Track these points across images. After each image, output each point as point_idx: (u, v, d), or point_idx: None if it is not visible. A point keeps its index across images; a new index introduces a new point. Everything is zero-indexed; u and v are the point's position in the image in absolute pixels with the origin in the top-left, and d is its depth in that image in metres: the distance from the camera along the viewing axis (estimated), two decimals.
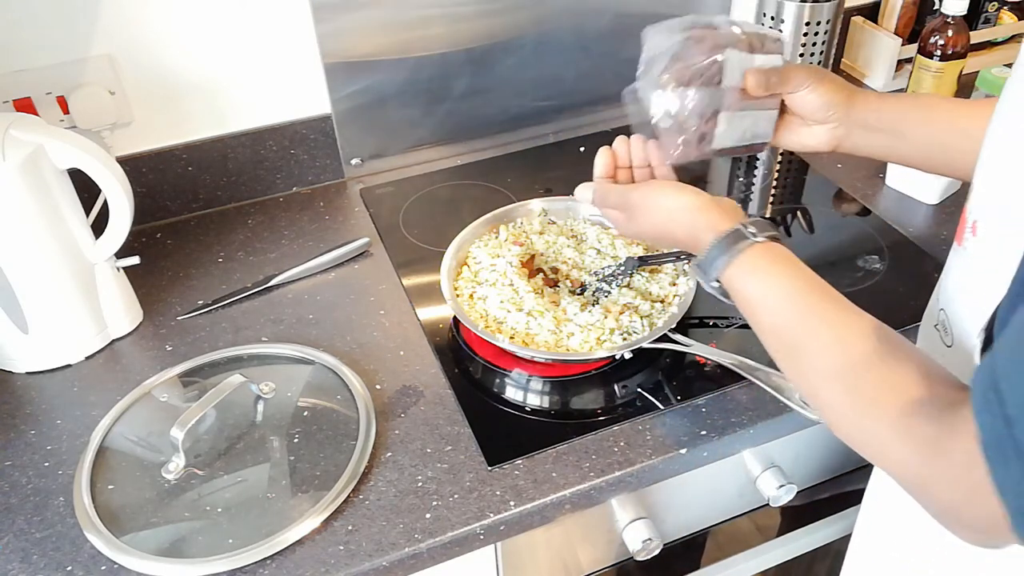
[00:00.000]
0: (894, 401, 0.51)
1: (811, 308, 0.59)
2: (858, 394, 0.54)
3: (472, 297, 0.89)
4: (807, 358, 0.58)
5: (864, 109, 0.75)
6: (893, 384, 0.52)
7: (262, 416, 0.80)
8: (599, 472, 0.75)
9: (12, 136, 0.80)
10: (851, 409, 0.54)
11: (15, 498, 0.75)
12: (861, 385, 0.54)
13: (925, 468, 0.49)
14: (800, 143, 0.79)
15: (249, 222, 1.10)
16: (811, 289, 0.60)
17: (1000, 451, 0.42)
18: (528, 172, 1.18)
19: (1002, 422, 0.41)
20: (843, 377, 0.55)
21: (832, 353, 0.56)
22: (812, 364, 0.57)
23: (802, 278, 0.61)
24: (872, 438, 0.53)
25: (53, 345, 0.87)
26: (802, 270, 0.62)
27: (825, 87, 0.74)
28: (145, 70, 1.01)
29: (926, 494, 0.50)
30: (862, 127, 0.76)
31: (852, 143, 0.77)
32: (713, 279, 0.65)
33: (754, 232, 0.64)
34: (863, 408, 0.53)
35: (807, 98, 0.75)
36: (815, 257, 1.00)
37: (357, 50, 1.09)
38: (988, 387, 0.43)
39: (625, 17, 1.20)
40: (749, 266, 0.63)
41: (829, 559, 1.11)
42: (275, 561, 0.69)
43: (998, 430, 0.42)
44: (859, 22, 1.34)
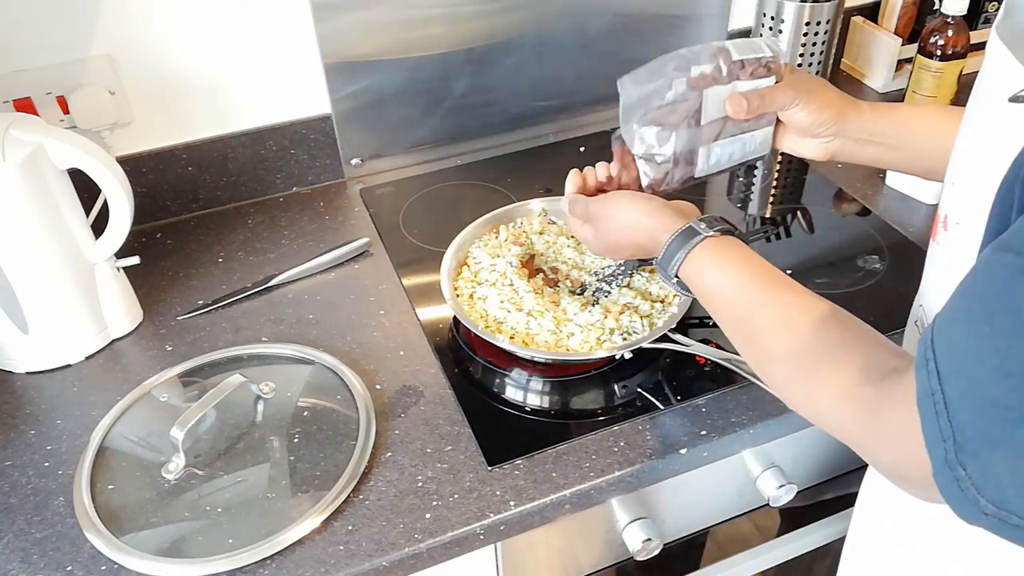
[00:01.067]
0: (839, 372, 0.53)
1: (761, 293, 0.62)
2: (807, 369, 0.56)
3: (472, 297, 0.89)
4: (760, 340, 0.61)
5: (857, 122, 0.76)
6: (839, 357, 0.54)
7: (262, 416, 0.80)
8: (599, 472, 0.75)
9: (12, 136, 0.80)
10: (802, 383, 0.57)
11: (15, 498, 0.75)
12: (810, 359, 0.56)
13: (868, 430, 0.51)
14: (796, 151, 0.81)
15: (249, 222, 1.10)
16: (761, 275, 0.64)
17: (930, 404, 0.44)
18: (528, 172, 1.18)
19: (935, 377, 0.44)
20: (793, 355, 0.58)
21: (782, 333, 0.59)
22: (765, 345, 0.60)
23: (752, 266, 0.65)
24: (821, 407, 0.55)
25: (53, 345, 0.87)
26: (753, 258, 0.65)
27: (815, 104, 0.75)
28: (145, 70, 1.01)
29: (872, 454, 0.52)
30: (856, 140, 0.77)
31: (847, 154, 0.78)
32: (672, 275, 0.69)
33: (705, 227, 0.68)
34: (812, 381, 0.56)
35: (796, 116, 0.76)
36: (815, 257, 1.01)
37: (357, 50, 1.09)
38: (927, 346, 0.46)
39: (625, 17, 1.20)
40: (703, 259, 0.67)
41: (829, 559, 1.11)
42: (275, 561, 0.69)
43: (931, 384, 0.44)
44: (859, 22, 1.34)
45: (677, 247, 0.68)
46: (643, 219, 0.73)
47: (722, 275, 0.65)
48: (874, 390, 0.51)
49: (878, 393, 0.51)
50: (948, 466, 0.43)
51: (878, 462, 0.52)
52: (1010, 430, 0.41)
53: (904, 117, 0.77)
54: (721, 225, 0.68)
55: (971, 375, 0.43)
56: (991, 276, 0.43)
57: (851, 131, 0.76)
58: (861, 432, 0.52)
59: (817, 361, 0.56)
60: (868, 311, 0.91)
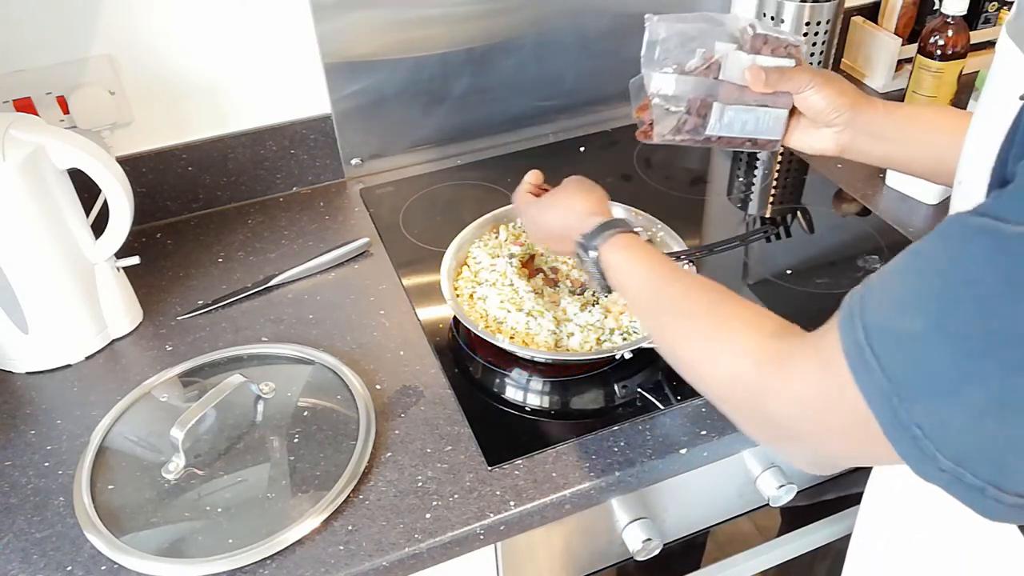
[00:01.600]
0: (742, 326, 0.55)
1: (669, 275, 0.66)
2: (709, 328, 0.58)
3: (472, 297, 0.89)
4: (667, 312, 0.64)
5: (871, 116, 0.76)
6: (740, 318, 0.56)
7: (262, 416, 0.80)
8: (599, 472, 0.75)
9: (12, 136, 0.80)
10: (703, 343, 0.58)
11: (15, 498, 0.75)
12: (712, 321, 0.58)
13: (765, 377, 0.51)
14: (808, 144, 0.81)
15: (249, 222, 1.10)
16: (665, 269, 0.67)
17: (860, 360, 0.43)
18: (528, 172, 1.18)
19: (860, 331, 0.43)
20: (695, 318, 0.60)
21: (685, 303, 0.62)
22: (672, 317, 0.63)
23: (659, 262, 0.68)
24: (719, 360, 0.55)
25: (53, 345, 0.87)
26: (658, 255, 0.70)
27: (830, 90, 0.76)
28: (145, 70, 1.01)
29: (759, 405, 0.51)
30: (867, 134, 0.77)
31: (858, 149, 0.78)
32: (593, 255, 0.72)
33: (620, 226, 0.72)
34: (714, 337, 0.57)
35: (811, 99, 0.77)
36: (815, 257, 1.01)
37: (357, 50, 1.09)
38: (853, 302, 0.45)
39: (625, 17, 1.20)
40: (619, 246, 0.70)
41: (829, 559, 1.11)
42: (275, 561, 0.69)
43: (858, 339, 0.43)
44: (859, 22, 1.34)
45: (605, 228, 0.71)
46: (583, 201, 0.77)
47: (633, 264, 0.69)
48: (778, 343, 0.51)
49: (782, 345, 0.51)
50: (901, 424, 0.42)
51: (773, 418, 0.51)
52: (957, 385, 0.40)
53: (915, 114, 0.78)
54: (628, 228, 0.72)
55: (908, 329, 0.42)
56: (946, 235, 0.43)
57: (863, 123, 0.76)
58: (763, 383, 0.51)
59: (719, 322, 0.57)
60: None
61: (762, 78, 0.76)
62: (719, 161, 1.23)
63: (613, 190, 1.12)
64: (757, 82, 0.76)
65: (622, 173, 1.17)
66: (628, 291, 0.69)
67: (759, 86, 0.76)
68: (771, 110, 0.79)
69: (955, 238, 0.42)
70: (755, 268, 1.00)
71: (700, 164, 1.23)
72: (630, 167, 1.19)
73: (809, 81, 0.76)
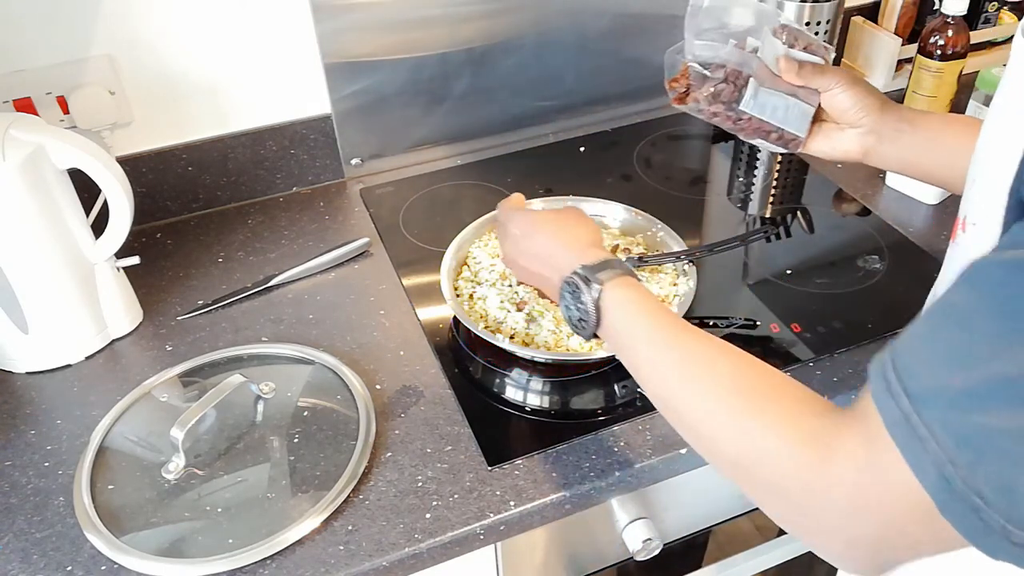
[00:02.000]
0: (778, 400, 0.50)
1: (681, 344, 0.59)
2: (740, 398, 0.52)
3: (472, 297, 0.89)
4: (690, 377, 0.56)
5: (897, 118, 0.76)
6: (779, 389, 0.51)
7: (262, 416, 0.80)
8: (599, 472, 0.75)
9: (12, 136, 0.80)
10: (731, 414, 0.52)
11: (15, 498, 0.75)
12: (743, 390, 0.52)
13: (812, 467, 0.45)
14: (831, 147, 0.80)
15: (249, 222, 1.10)
16: (681, 324, 0.61)
17: (907, 431, 0.39)
18: (528, 172, 1.18)
19: (904, 399, 0.40)
20: (723, 390, 0.53)
21: (712, 374, 0.55)
22: (696, 384, 0.56)
23: (671, 314, 0.63)
24: (751, 435, 0.50)
25: (53, 345, 0.87)
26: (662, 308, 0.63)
27: (858, 89, 0.77)
28: (145, 70, 1.01)
29: (808, 499, 0.46)
30: (893, 140, 0.76)
31: (882, 154, 0.78)
32: (596, 288, 0.64)
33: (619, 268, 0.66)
34: (745, 409, 0.51)
35: (839, 97, 0.77)
36: (815, 257, 1.01)
37: (357, 50, 1.09)
38: (886, 370, 0.41)
39: (625, 17, 1.20)
40: (628, 285, 0.64)
41: None
42: (275, 561, 0.69)
43: (902, 408, 0.40)
44: (859, 22, 1.34)
45: (610, 264, 0.66)
46: (575, 230, 0.73)
47: (638, 316, 0.62)
48: (820, 423, 0.46)
49: (825, 426, 0.46)
50: (958, 496, 0.38)
51: (814, 506, 0.45)
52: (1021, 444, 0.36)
53: (944, 123, 0.77)
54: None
55: (961, 387, 0.38)
56: (978, 281, 0.40)
57: (889, 127, 0.76)
58: (806, 473, 0.45)
59: (752, 393, 0.52)
60: (868, 311, 0.91)
61: (795, 68, 0.76)
62: (719, 161, 1.23)
63: (613, 190, 1.13)
64: (790, 71, 0.76)
65: (622, 173, 1.17)
66: (631, 338, 0.61)
67: (791, 75, 0.77)
68: (800, 103, 0.79)
69: (991, 282, 0.39)
70: (755, 268, 1.00)
71: (700, 164, 1.23)
72: (630, 167, 1.19)
73: (838, 80, 0.77)
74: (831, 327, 0.89)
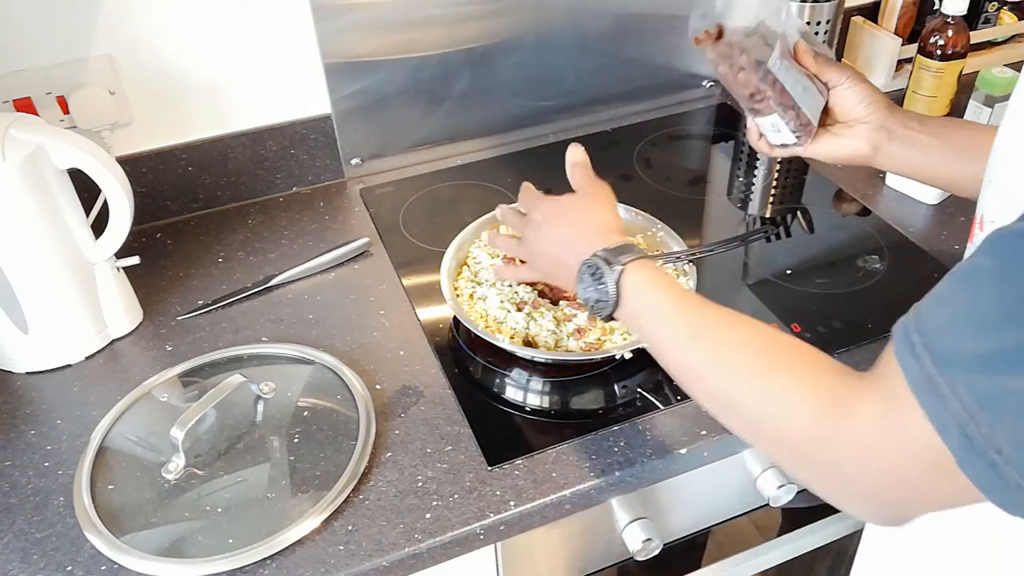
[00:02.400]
0: (799, 364, 0.51)
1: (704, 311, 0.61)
2: (762, 365, 0.54)
3: (472, 297, 0.89)
4: (709, 348, 0.58)
5: (904, 116, 0.77)
6: (798, 354, 0.53)
7: (262, 416, 0.80)
8: (599, 472, 0.75)
9: (12, 136, 0.80)
10: (754, 381, 0.53)
11: (15, 498, 0.75)
12: (764, 357, 0.54)
13: (827, 421, 0.47)
14: (840, 145, 0.80)
15: (249, 222, 1.10)
16: (699, 299, 0.62)
17: (930, 389, 0.41)
18: (528, 172, 1.18)
19: (927, 360, 0.41)
20: (743, 356, 0.55)
21: (732, 341, 0.57)
22: (715, 352, 0.58)
23: (689, 292, 0.64)
24: (776, 405, 0.51)
25: (53, 345, 0.87)
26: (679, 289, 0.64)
27: (865, 86, 0.78)
28: (145, 70, 1.01)
29: (821, 452, 0.48)
30: (902, 137, 0.76)
31: (892, 151, 0.77)
32: (617, 269, 0.65)
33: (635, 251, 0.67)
34: (767, 375, 0.53)
35: (848, 92, 0.78)
36: (815, 257, 1.01)
37: (357, 50, 1.09)
38: (908, 331, 0.43)
39: (625, 17, 1.20)
40: (647, 266, 0.66)
41: (829, 559, 1.11)
42: (275, 561, 0.69)
43: (925, 369, 0.41)
44: (859, 22, 1.34)
45: (631, 249, 0.67)
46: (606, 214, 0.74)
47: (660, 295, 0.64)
48: (841, 384, 0.48)
49: (846, 386, 0.47)
50: (977, 453, 0.39)
51: (837, 466, 0.48)
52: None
53: (953, 125, 0.78)
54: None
55: (984, 349, 0.39)
56: (1002, 248, 0.41)
57: (897, 121, 0.76)
58: (825, 426, 0.47)
59: (773, 359, 0.53)
60: (868, 311, 0.91)
61: (811, 54, 0.78)
62: (719, 161, 1.23)
63: (613, 190, 1.13)
64: (807, 54, 0.78)
65: (622, 173, 1.17)
66: (651, 315, 0.63)
67: (807, 59, 0.78)
68: (815, 89, 0.79)
69: (1014, 249, 0.40)
70: (755, 268, 1.00)
71: (700, 164, 1.23)
72: (630, 167, 1.19)
73: (848, 75, 0.78)
74: (831, 327, 0.89)
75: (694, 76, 1.31)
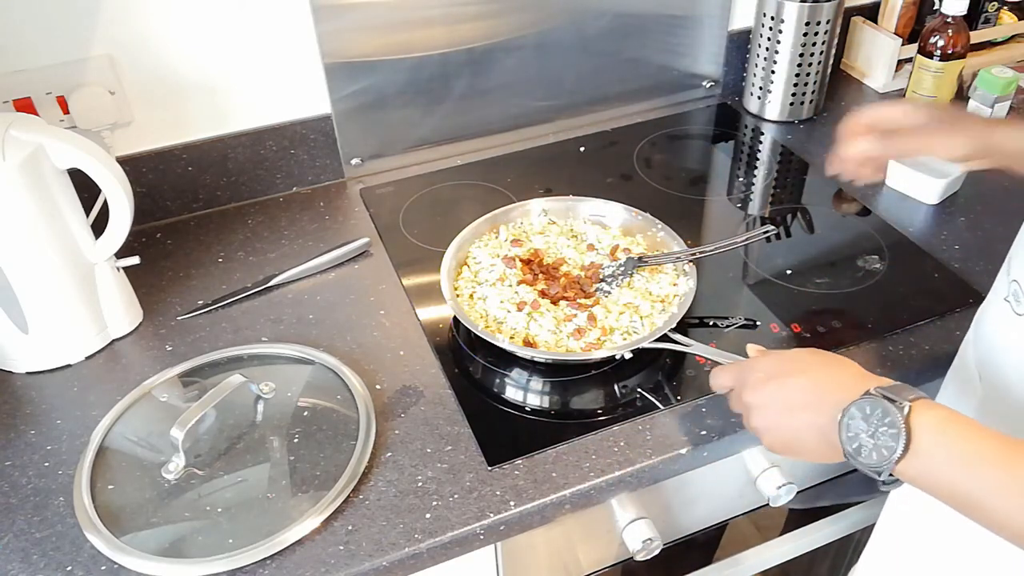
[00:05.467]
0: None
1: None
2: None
3: (472, 297, 0.89)
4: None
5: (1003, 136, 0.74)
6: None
7: (262, 416, 0.80)
8: (599, 472, 0.75)
9: (12, 136, 0.80)
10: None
11: (15, 498, 0.75)
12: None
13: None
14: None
15: (249, 222, 1.10)
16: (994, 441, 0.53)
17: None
18: (528, 172, 1.18)
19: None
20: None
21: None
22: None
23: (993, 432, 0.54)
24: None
25: (53, 345, 0.87)
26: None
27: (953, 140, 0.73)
28: (145, 70, 1.01)
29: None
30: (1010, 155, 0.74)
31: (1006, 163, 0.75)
32: (906, 406, 0.54)
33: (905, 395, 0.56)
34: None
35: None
36: (815, 257, 1.01)
37: (357, 50, 1.09)
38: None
39: (625, 17, 1.20)
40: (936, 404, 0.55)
41: (829, 559, 1.11)
42: (275, 561, 0.69)
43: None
44: (859, 22, 1.34)
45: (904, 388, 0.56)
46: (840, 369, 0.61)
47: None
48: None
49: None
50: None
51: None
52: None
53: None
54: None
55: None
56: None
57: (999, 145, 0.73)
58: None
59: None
60: (868, 311, 0.91)
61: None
62: (719, 161, 1.23)
63: (613, 190, 1.13)
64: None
65: (622, 173, 1.17)
66: (973, 462, 0.52)
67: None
68: None
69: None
70: (755, 268, 1.00)
71: (700, 164, 1.23)
72: (630, 167, 1.19)
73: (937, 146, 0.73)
74: (831, 327, 0.89)
75: (694, 76, 1.31)
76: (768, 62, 1.23)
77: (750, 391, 0.65)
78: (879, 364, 0.85)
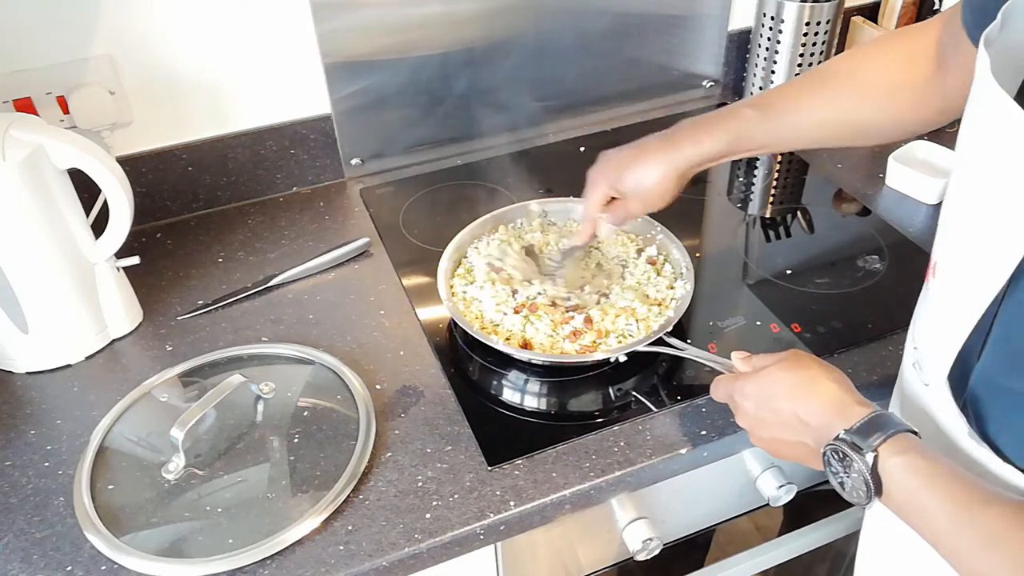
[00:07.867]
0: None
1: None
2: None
3: (468, 298, 0.89)
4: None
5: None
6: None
7: (262, 416, 0.80)
8: (599, 472, 0.75)
9: (12, 136, 0.80)
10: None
11: (15, 498, 0.75)
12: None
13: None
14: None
15: (249, 222, 1.10)
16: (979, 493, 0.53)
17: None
18: (528, 172, 1.18)
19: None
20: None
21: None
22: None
23: (966, 481, 0.54)
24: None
25: (53, 345, 0.87)
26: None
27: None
28: (145, 70, 1.01)
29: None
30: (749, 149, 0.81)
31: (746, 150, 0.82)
32: (870, 456, 0.55)
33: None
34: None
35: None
36: (815, 257, 1.01)
37: (357, 50, 1.09)
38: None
39: (625, 17, 1.20)
40: (906, 449, 0.55)
41: (829, 559, 1.11)
42: (275, 561, 0.69)
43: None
44: (859, 22, 1.34)
45: (879, 424, 0.56)
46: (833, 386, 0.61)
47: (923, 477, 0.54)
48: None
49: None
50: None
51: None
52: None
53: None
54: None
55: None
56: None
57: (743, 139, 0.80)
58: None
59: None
60: (868, 311, 0.91)
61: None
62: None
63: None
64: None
65: None
66: (922, 513, 0.53)
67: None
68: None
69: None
70: (755, 268, 1.00)
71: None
72: None
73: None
74: (831, 327, 0.89)
75: (694, 76, 1.31)
76: (768, 62, 1.23)
77: (740, 416, 0.67)
78: (879, 364, 0.85)
